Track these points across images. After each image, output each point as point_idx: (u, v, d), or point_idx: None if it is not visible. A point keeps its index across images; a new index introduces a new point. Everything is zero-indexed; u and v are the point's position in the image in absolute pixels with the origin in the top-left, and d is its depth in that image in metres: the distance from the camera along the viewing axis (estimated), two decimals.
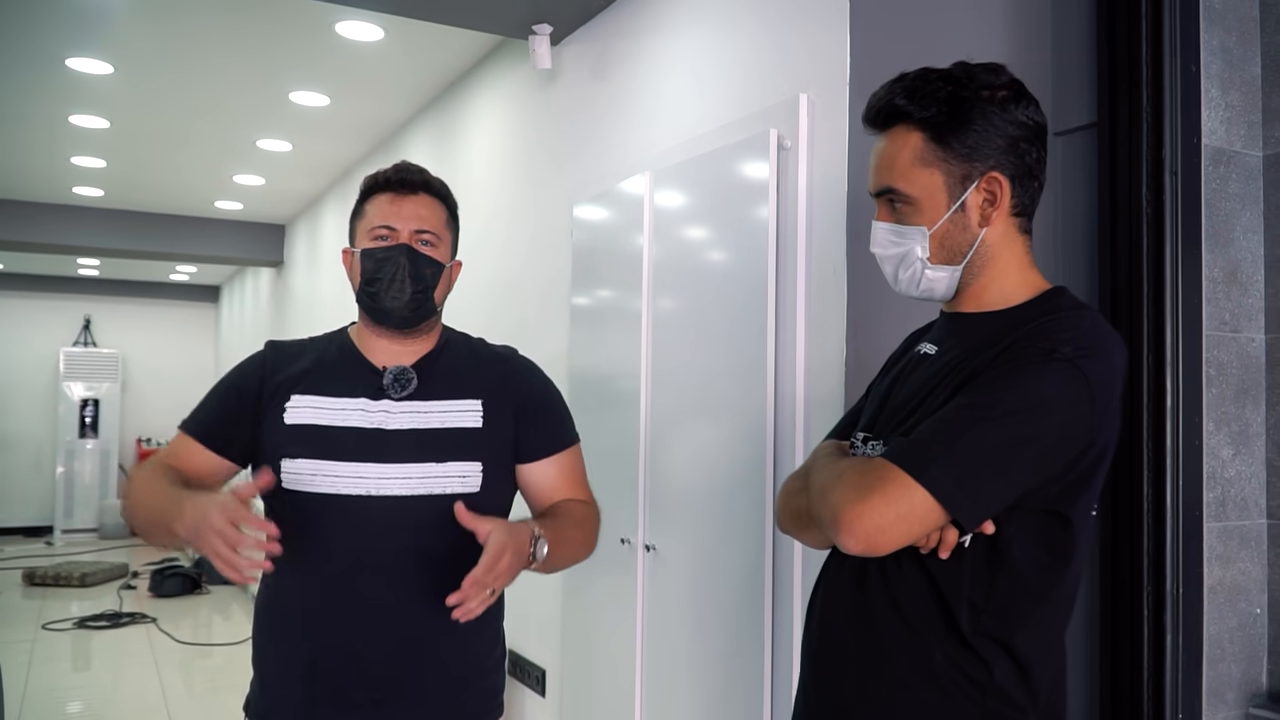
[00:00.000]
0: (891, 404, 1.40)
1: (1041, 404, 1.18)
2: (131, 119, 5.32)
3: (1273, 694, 1.92)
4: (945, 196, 1.31)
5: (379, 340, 1.74)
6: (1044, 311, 1.29)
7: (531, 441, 1.74)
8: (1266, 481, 1.94)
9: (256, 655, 1.74)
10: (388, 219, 1.70)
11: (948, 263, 1.33)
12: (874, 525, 1.16)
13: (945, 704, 1.25)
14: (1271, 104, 1.99)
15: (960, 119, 1.29)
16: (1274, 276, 1.96)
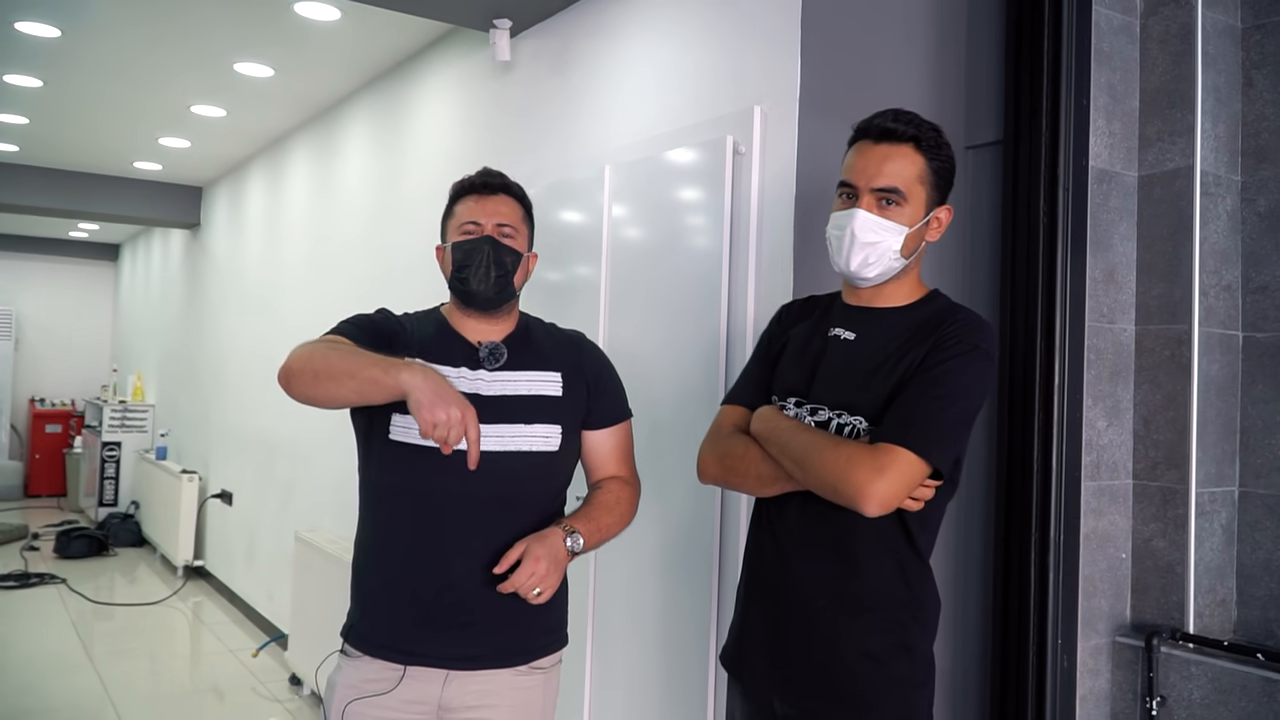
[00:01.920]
0: (824, 378, 1.77)
1: (978, 387, 1.67)
2: (67, 80, 5.25)
3: (1134, 624, 2.26)
4: (923, 210, 1.74)
5: (469, 320, 2.00)
6: (941, 310, 1.75)
7: (597, 412, 2.03)
8: (1133, 448, 2.27)
9: (358, 587, 1.99)
10: (474, 215, 1.97)
11: (904, 257, 1.74)
12: (891, 495, 1.58)
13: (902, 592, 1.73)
14: (1146, 132, 2.32)
15: (939, 159, 1.74)
16: (1144, 278, 2.29)
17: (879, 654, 1.70)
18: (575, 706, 2.90)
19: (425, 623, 1.90)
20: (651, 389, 2.63)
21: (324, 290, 5.46)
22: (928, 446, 1.60)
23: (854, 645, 1.70)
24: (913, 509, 1.67)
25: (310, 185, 5.84)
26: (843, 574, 1.72)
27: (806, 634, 1.74)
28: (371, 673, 1.91)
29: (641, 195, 2.79)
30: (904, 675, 1.71)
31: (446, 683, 1.90)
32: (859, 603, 1.72)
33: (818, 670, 1.72)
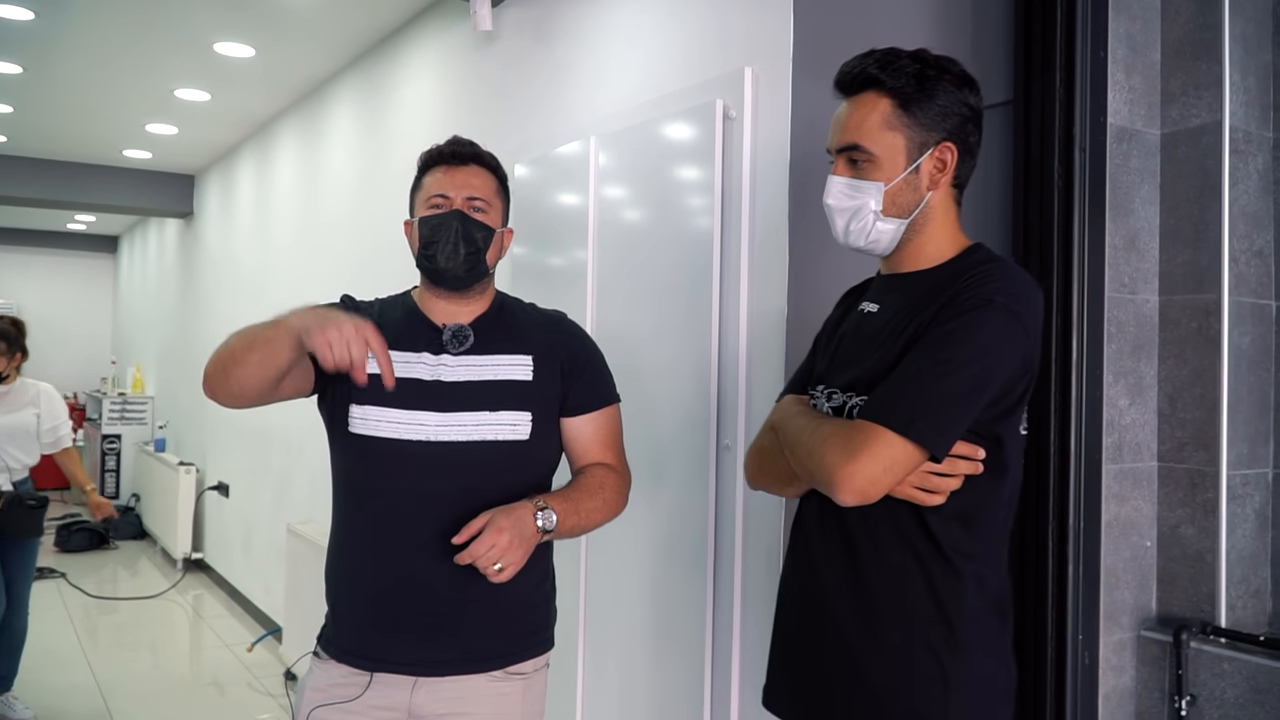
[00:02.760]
0: (840, 358, 1.57)
1: (990, 349, 1.37)
2: (48, 66, 5.15)
3: (1161, 618, 2.13)
4: (903, 158, 1.49)
5: (438, 301, 1.86)
6: (968, 265, 1.47)
7: (575, 397, 1.88)
8: (1157, 428, 2.14)
9: (329, 590, 1.88)
10: (442, 188, 1.83)
11: (897, 216, 1.50)
12: (866, 480, 1.34)
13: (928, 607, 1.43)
14: (1169, 87, 2.17)
15: (925, 93, 1.48)
16: (1168, 244, 2.15)
17: (905, 682, 1.43)
18: (567, 710, 2.77)
19: (389, 627, 1.79)
20: (642, 375, 2.50)
21: (312, 271, 5.37)
22: (909, 422, 1.34)
23: (879, 671, 1.45)
24: (927, 502, 1.41)
25: (298, 168, 5.74)
26: (861, 585, 1.48)
27: (834, 655, 1.50)
28: (339, 677, 1.82)
29: (629, 166, 2.64)
30: (933, 708, 1.42)
31: (415, 689, 1.79)
32: (880, 619, 1.46)
33: (842, 699, 1.49)
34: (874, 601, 1.46)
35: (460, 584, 1.75)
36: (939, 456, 1.37)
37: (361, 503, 1.82)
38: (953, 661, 1.42)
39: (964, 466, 1.41)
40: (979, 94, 1.54)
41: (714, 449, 2.31)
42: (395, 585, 1.78)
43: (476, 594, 1.77)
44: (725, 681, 2.28)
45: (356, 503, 1.84)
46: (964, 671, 1.42)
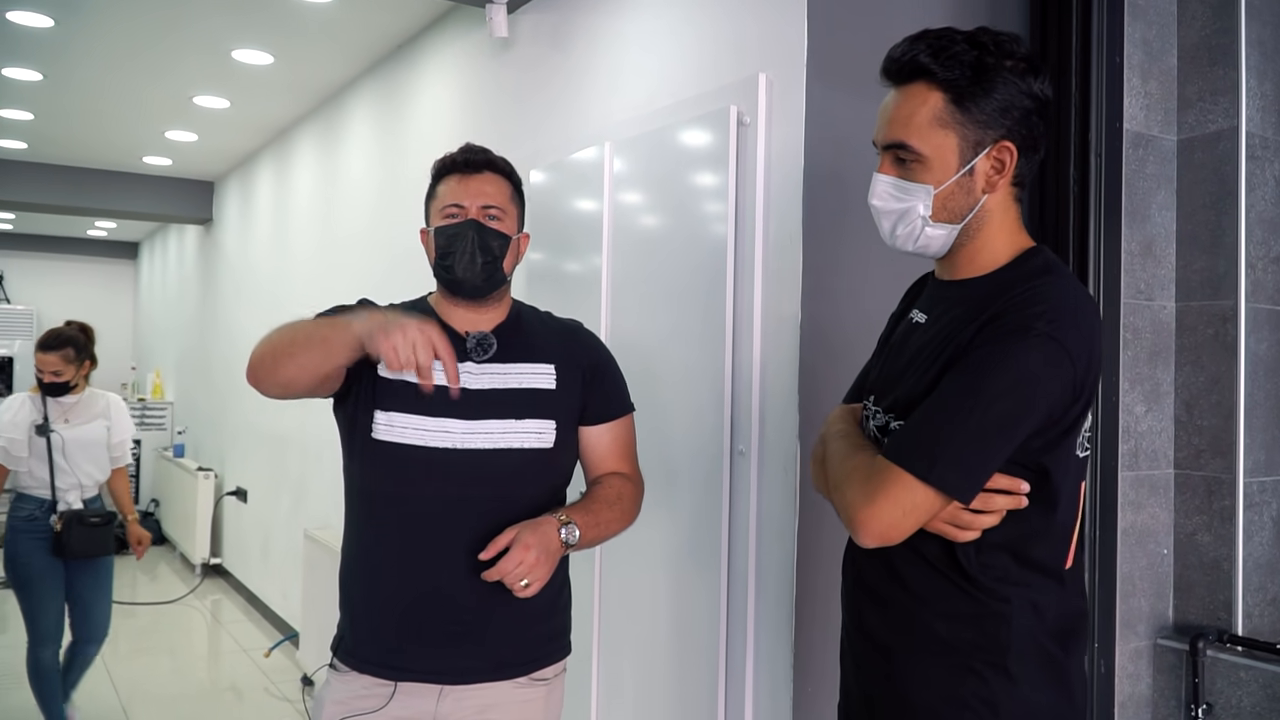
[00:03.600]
0: (886, 372, 1.48)
1: (1026, 381, 1.24)
2: (67, 73, 5.19)
3: (1178, 625, 2.12)
4: (956, 159, 1.34)
5: (456, 309, 1.86)
6: (1017, 278, 1.33)
7: (594, 406, 1.88)
8: (1174, 435, 2.13)
9: (344, 597, 1.87)
10: (457, 197, 1.83)
11: (948, 222, 1.36)
12: (885, 524, 1.27)
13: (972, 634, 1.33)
14: (1186, 92, 2.16)
15: (983, 86, 1.31)
16: (1184, 250, 2.14)
17: (953, 709, 1.34)
18: (582, 715, 2.78)
19: (414, 635, 1.78)
20: (655, 382, 2.50)
21: (332, 282, 5.39)
22: (929, 467, 1.24)
23: (921, 694, 1.36)
24: (959, 538, 1.31)
25: (316, 176, 5.77)
26: (903, 605, 1.40)
27: (878, 676, 1.43)
28: (361, 688, 1.80)
29: (644, 171, 2.65)
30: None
31: (441, 698, 1.78)
32: (927, 646, 1.37)
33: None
34: (919, 626, 1.37)
35: (485, 592, 1.74)
36: (965, 501, 1.28)
37: (382, 510, 1.81)
38: (1003, 689, 1.32)
39: (1002, 502, 1.29)
40: (1045, 79, 1.36)
41: (728, 455, 2.31)
42: (420, 594, 1.77)
43: (500, 602, 1.76)
44: (739, 687, 2.27)
45: (376, 510, 1.82)
46: (1020, 700, 1.32)
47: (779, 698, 2.16)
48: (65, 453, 3.87)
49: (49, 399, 3.90)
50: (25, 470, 3.86)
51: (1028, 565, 1.33)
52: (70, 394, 3.95)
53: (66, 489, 3.86)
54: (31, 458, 3.85)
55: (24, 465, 3.85)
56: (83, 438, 3.93)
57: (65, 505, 3.85)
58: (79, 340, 3.94)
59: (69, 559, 3.81)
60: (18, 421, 3.87)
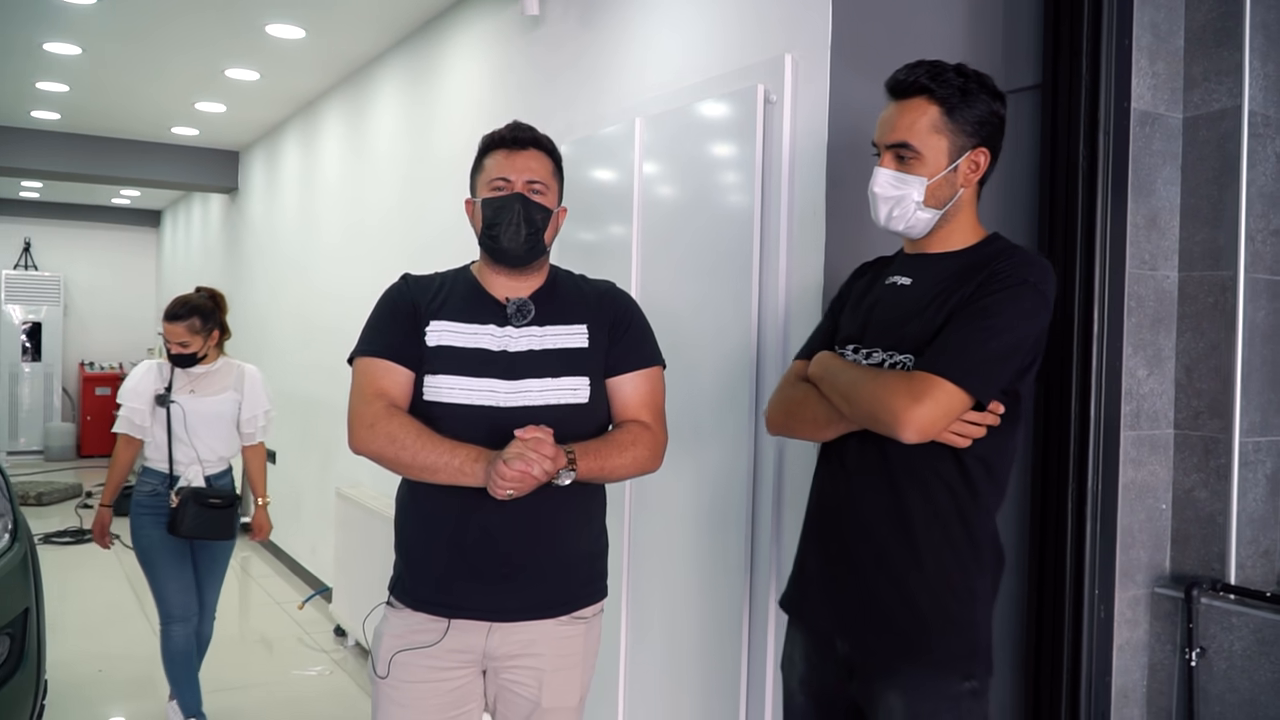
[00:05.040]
0: (877, 322, 1.80)
1: (1025, 318, 1.65)
2: (105, 48, 5.30)
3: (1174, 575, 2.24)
4: (945, 159, 1.75)
5: (498, 277, 2.01)
6: (996, 250, 1.75)
7: (616, 357, 2.01)
8: (1174, 397, 2.24)
9: (400, 541, 2.03)
10: (504, 171, 1.96)
11: (934, 207, 1.76)
12: (928, 421, 1.60)
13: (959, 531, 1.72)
14: (1192, 73, 2.26)
15: (967, 103, 1.74)
16: (1187, 223, 2.24)
17: (938, 591, 1.71)
18: (611, 658, 2.93)
19: (467, 576, 1.93)
20: (684, 346, 2.63)
21: (357, 251, 5.50)
22: (965, 375, 1.61)
23: (913, 582, 1.72)
24: (958, 444, 1.67)
25: (343, 148, 5.87)
26: (900, 510, 1.74)
27: (867, 569, 1.76)
28: (417, 623, 1.96)
29: (673, 148, 2.76)
30: (964, 615, 1.71)
31: (490, 633, 1.94)
32: (916, 539, 1.72)
33: (877, 606, 1.74)
34: (915, 526, 1.72)
35: (530, 537, 1.91)
36: (984, 404, 1.64)
37: None
38: (978, 579, 1.73)
39: (988, 419, 1.67)
40: (1005, 105, 1.81)
41: (753, 415, 2.44)
42: (471, 539, 1.92)
43: (545, 547, 1.93)
44: (762, 636, 2.41)
45: None
46: (985, 585, 1.75)
47: None
48: (186, 425, 3.66)
49: (177, 369, 3.72)
50: (150, 442, 3.70)
51: (991, 477, 1.74)
52: (200, 364, 3.74)
53: (186, 463, 3.67)
54: (155, 428, 3.68)
55: (148, 436, 3.69)
56: (206, 410, 3.71)
57: (185, 482, 3.64)
58: (206, 308, 3.73)
59: (182, 537, 3.62)
60: (141, 390, 3.70)
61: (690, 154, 2.69)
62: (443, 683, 1.96)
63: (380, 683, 1.98)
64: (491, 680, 2.00)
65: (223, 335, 3.83)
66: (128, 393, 3.70)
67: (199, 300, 3.75)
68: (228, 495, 3.72)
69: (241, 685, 4.50)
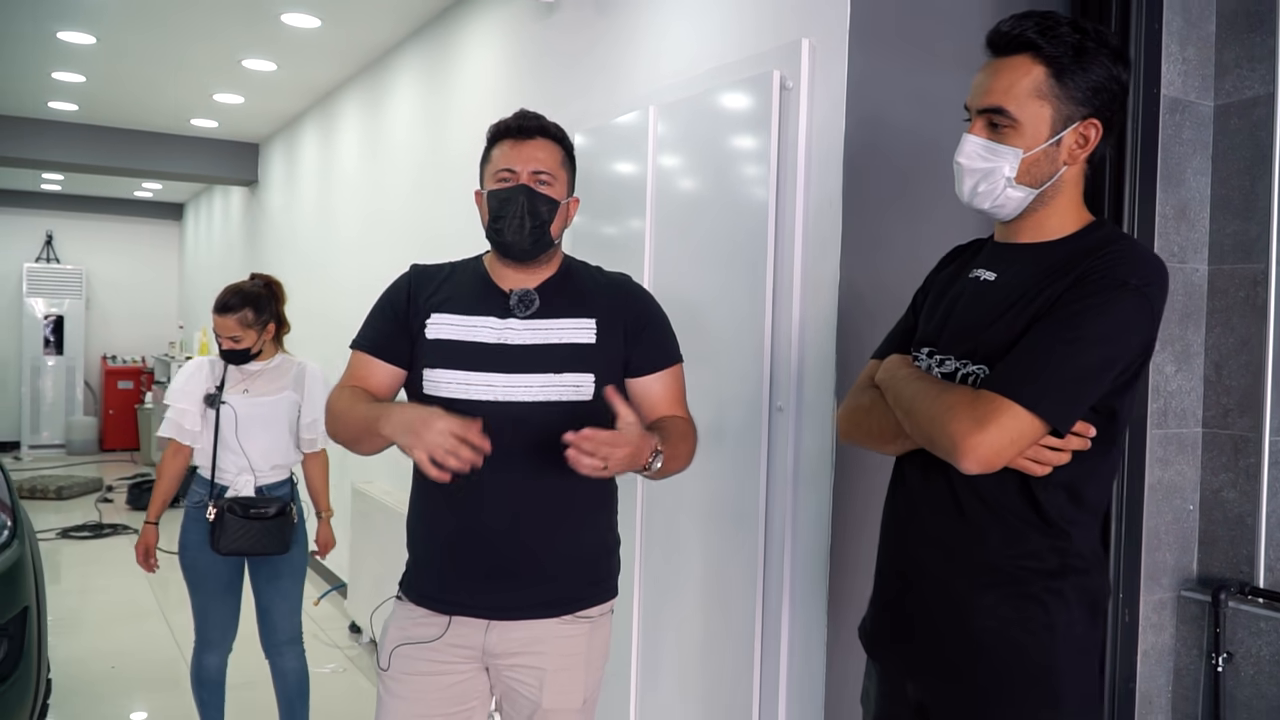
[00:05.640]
0: (955, 324, 1.58)
1: (1122, 329, 1.39)
2: (120, 37, 5.30)
3: (1201, 578, 2.19)
4: (1048, 129, 1.47)
5: (507, 269, 1.96)
6: (1096, 243, 1.47)
7: (641, 357, 1.96)
8: (1203, 395, 2.18)
9: (409, 537, 2.02)
10: (509, 162, 1.91)
11: (1028, 185, 1.49)
12: (992, 451, 1.37)
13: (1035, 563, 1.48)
14: (1223, 59, 2.19)
15: (1081, 65, 1.45)
16: (1218, 213, 2.18)
17: (1012, 633, 1.47)
18: (623, 660, 2.89)
19: (466, 574, 1.91)
20: (697, 340, 2.58)
21: (374, 241, 5.49)
22: (1038, 398, 1.36)
23: (983, 621, 1.49)
24: (1035, 472, 1.44)
25: (361, 138, 5.85)
26: (966, 540, 1.52)
27: (934, 607, 1.55)
28: (420, 617, 1.95)
29: (687, 136, 2.71)
30: (1041, 659, 1.47)
31: (489, 630, 1.92)
32: (985, 573, 1.50)
33: (945, 648, 1.53)
34: (984, 560, 1.50)
35: (531, 535, 1.88)
36: (1063, 433, 1.40)
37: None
38: (1059, 614, 1.46)
39: (1075, 443, 1.43)
40: (1129, 70, 1.52)
41: (767, 411, 2.39)
42: (472, 536, 1.89)
43: (546, 544, 1.90)
44: (775, 636, 2.37)
45: None
46: (1068, 622, 1.47)
47: (813, 644, 2.25)
48: (237, 429, 3.22)
49: (230, 366, 3.31)
50: (200, 447, 3.27)
51: (1078, 504, 1.47)
52: (256, 360, 3.32)
53: (234, 472, 3.23)
54: (205, 432, 3.25)
55: (199, 441, 3.26)
56: (258, 412, 3.26)
57: (234, 492, 3.21)
58: (260, 299, 3.30)
59: (222, 554, 3.16)
60: (189, 390, 3.28)
61: (704, 143, 2.64)
62: (443, 676, 1.94)
63: (383, 675, 1.98)
64: (496, 678, 1.98)
65: (280, 328, 3.40)
66: (175, 392, 3.30)
67: (253, 289, 3.32)
68: (279, 504, 3.23)
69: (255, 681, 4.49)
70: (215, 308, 3.26)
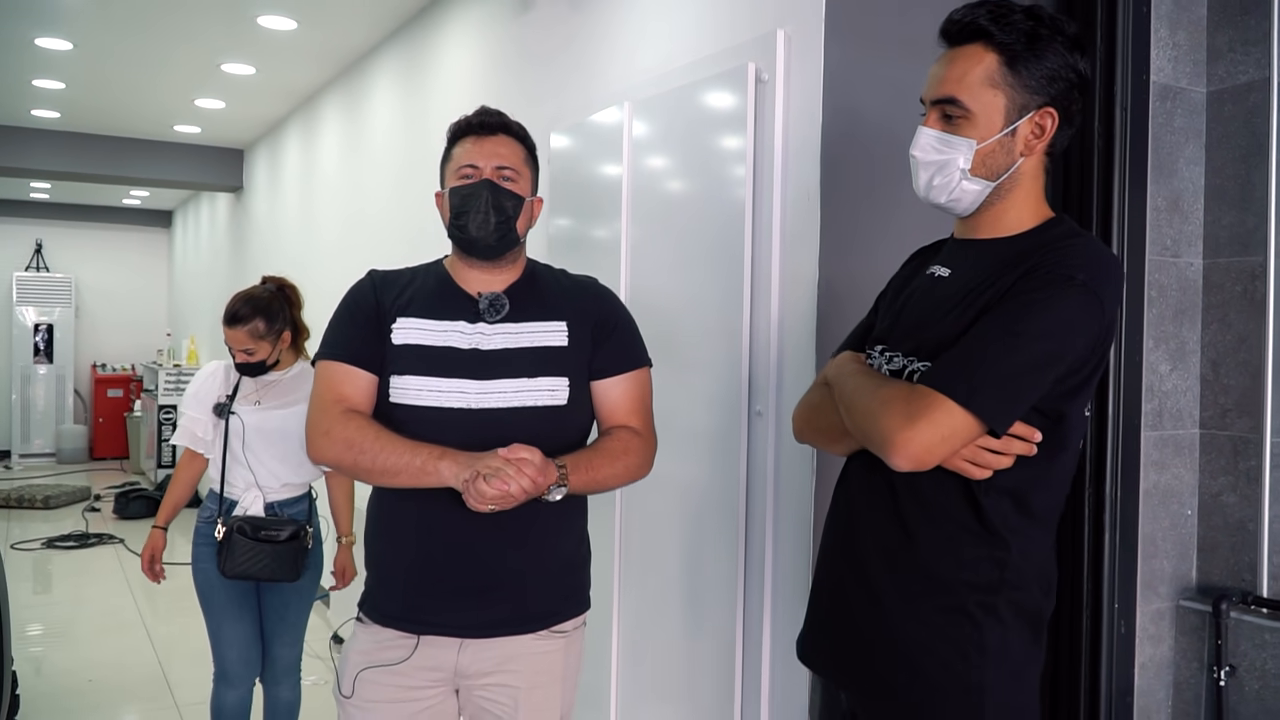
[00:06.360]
0: (905, 321, 1.53)
1: (1066, 327, 1.32)
2: (96, 42, 5.24)
3: (1201, 587, 2.10)
4: (1001, 119, 1.42)
5: (471, 270, 1.88)
6: (1052, 238, 1.42)
7: (603, 360, 1.88)
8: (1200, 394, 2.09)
9: (369, 554, 1.93)
10: (471, 158, 1.84)
11: (984, 178, 1.44)
12: (923, 447, 1.31)
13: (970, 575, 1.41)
14: (1216, 43, 2.11)
15: (1035, 53, 1.41)
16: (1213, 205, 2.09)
17: (939, 648, 1.41)
18: (603, 668, 2.80)
19: (436, 591, 1.82)
20: (674, 341, 2.49)
21: (355, 244, 5.42)
22: (972, 393, 1.30)
23: (914, 634, 1.43)
24: (973, 475, 1.37)
25: (342, 141, 5.79)
26: (901, 544, 1.45)
27: (863, 615, 1.49)
28: (386, 640, 1.86)
29: (663, 131, 2.63)
30: (969, 678, 1.40)
31: (462, 649, 1.84)
32: (919, 583, 1.44)
33: (874, 660, 1.47)
34: (917, 567, 1.44)
35: (505, 549, 1.79)
36: (999, 432, 1.34)
37: None
38: (991, 631, 1.40)
39: (1018, 447, 1.37)
40: (1089, 59, 1.46)
41: (746, 415, 2.30)
42: (440, 551, 1.81)
43: (521, 559, 1.81)
44: (756, 643, 2.29)
45: None
46: (1000, 641, 1.40)
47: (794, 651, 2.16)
48: (245, 441, 2.98)
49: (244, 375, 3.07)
50: (213, 457, 3.05)
51: (1024, 512, 1.41)
52: (274, 370, 3.08)
53: (242, 487, 2.99)
54: (217, 441, 3.03)
55: (212, 450, 3.05)
56: (270, 425, 2.99)
57: (243, 509, 2.96)
58: (272, 307, 3.02)
59: (228, 577, 2.92)
60: (202, 396, 3.07)
61: (680, 138, 2.55)
62: (412, 702, 1.85)
63: (345, 702, 1.88)
64: (466, 699, 1.89)
65: (296, 335, 3.14)
66: (188, 398, 3.09)
67: (263, 296, 3.04)
68: (293, 526, 2.95)
69: None
70: (224, 318, 2.99)
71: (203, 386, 3.08)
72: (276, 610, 3.09)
